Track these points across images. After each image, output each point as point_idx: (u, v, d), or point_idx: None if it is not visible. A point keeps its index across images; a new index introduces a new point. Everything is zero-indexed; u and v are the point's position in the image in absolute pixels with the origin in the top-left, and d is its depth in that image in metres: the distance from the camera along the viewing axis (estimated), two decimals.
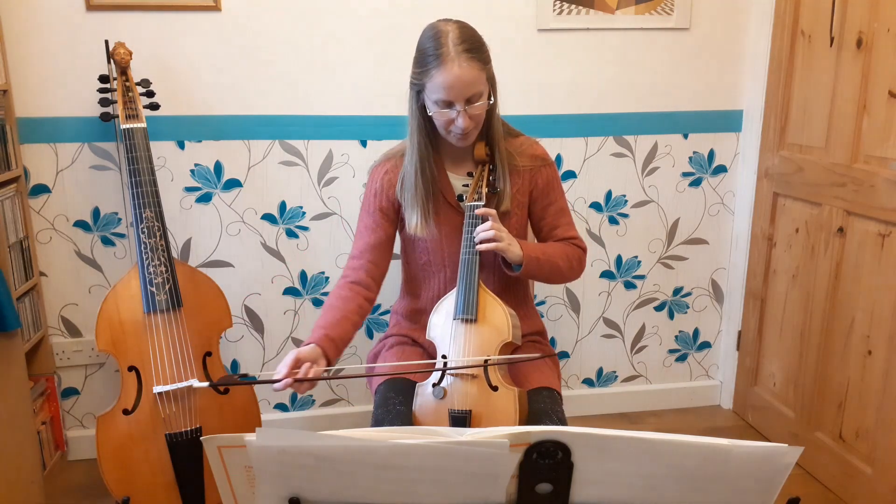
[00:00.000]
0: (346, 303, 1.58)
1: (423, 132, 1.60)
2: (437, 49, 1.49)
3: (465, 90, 1.50)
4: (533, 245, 1.64)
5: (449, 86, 1.48)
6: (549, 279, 1.68)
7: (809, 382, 2.23)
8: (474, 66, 1.49)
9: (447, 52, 1.48)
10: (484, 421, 1.49)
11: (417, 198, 1.62)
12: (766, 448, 0.85)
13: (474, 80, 1.50)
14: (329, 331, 1.50)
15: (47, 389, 2.21)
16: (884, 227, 1.92)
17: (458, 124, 1.53)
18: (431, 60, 1.49)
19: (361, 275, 1.63)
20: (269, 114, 2.21)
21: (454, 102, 1.51)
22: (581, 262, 1.70)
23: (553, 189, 1.70)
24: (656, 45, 2.36)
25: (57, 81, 2.09)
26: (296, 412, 2.47)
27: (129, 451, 1.83)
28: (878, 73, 1.92)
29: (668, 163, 2.48)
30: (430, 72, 1.49)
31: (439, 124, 1.57)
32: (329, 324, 1.52)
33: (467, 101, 1.51)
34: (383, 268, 1.69)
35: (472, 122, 1.54)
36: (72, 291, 2.24)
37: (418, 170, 1.61)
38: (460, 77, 1.48)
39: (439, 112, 1.53)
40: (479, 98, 1.53)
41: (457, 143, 1.59)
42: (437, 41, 1.50)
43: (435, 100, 1.52)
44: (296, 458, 0.86)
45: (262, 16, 2.14)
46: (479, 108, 1.54)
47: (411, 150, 1.62)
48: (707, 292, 2.64)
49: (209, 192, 2.24)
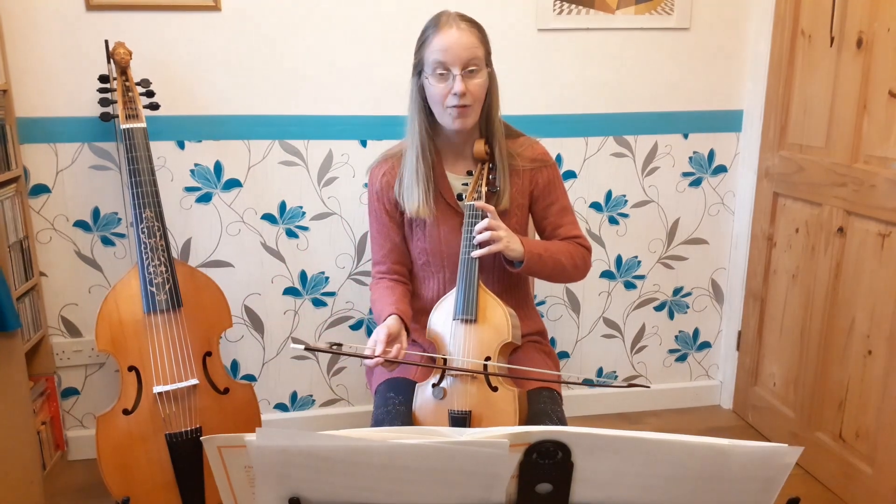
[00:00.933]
0: (393, 290, 1.66)
1: (424, 114, 1.61)
2: (436, 22, 1.56)
3: (462, 53, 1.51)
4: (535, 241, 1.63)
5: (446, 47, 1.51)
6: (554, 277, 1.67)
7: (809, 382, 2.23)
8: (473, 33, 1.54)
9: (446, 20, 1.55)
10: (484, 421, 1.49)
11: (419, 178, 1.62)
12: (766, 448, 0.85)
13: (471, 46, 1.53)
14: (396, 307, 1.56)
15: (47, 389, 2.21)
16: (884, 227, 1.92)
17: (455, 89, 1.52)
18: (430, 31, 1.55)
19: (394, 276, 1.71)
20: (269, 114, 2.21)
21: (451, 67, 1.51)
22: (586, 261, 1.70)
23: (554, 188, 1.70)
24: (656, 45, 2.36)
25: (57, 81, 2.09)
26: (296, 412, 2.47)
27: (129, 451, 1.83)
28: (878, 73, 1.92)
29: (668, 163, 2.48)
30: (429, 39, 1.54)
31: (437, 98, 1.55)
32: (391, 302, 1.59)
33: (464, 68, 1.52)
34: (408, 264, 1.74)
35: (470, 93, 1.53)
36: (72, 291, 2.24)
37: (419, 152, 1.61)
38: (458, 39, 1.51)
39: (437, 81, 1.54)
40: (476, 67, 1.54)
41: (454, 122, 1.57)
42: (436, 18, 1.57)
43: (433, 65, 1.53)
44: (296, 458, 0.86)
45: (262, 16, 2.14)
46: (476, 84, 1.54)
47: (412, 135, 1.63)
48: (707, 292, 2.64)
49: (209, 192, 2.24)
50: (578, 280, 1.72)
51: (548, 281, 1.72)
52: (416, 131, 1.61)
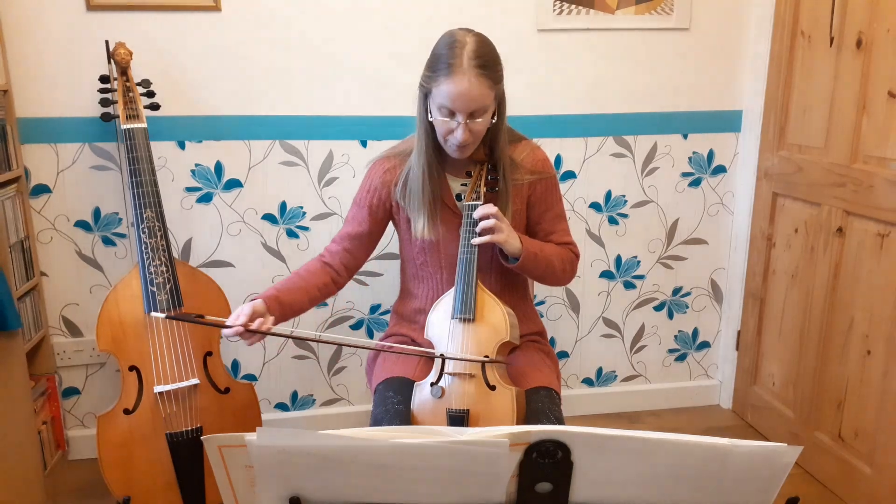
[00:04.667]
0: (312, 276, 1.65)
1: (430, 136, 1.60)
2: (450, 58, 1.48)
3: (469, 104, 1.49)
4: (532, 240, 1.64)
5: (454, 97, 1.48)
6: (543, 278, 1.68)
7: (809, 382, 2.23)
8: (484, 83, 1.48)
9: (459, 63, 1.47)
10: (482, 420, 1.49)
11: (424, 201, 1.62)
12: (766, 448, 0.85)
13: (481, 97, 1.49)
14: (282, 294, 1.57)
15: (48, 389, 2.21)
16: (883, 227, 1.93)
17: (456, 135, 1.52)
18: (442, 68, 1.48)
19: (335, 259, 1.70)
20: (269, 114, 2.22)
21: (456, 113, 1.50)
22: (574, 266, 1.71)
23: (551, 195, 1.70)
24: (656, 45, 2.37)
25: (57, 81, 2.09)
26: (296, 412, 2.48)
27: (129, 450, 1.83)
28: (877, 73, 1.92)
29: (667, 163, 2.48)
30: (439, 78, 1.49)
31: (439, 132, 1.57)
32: (286, 288, 1.59)
33: (470, 115, 1.50)
34: (359, 259, 1.73)
35: (471, 136, 1.53)
36: (72, 291, 2.24)
37: (426, 173, 1.61)
38: (467, 91, 1.47)
39: (441, 119, 1.53)
40: (482, 114, 1.52)
41: (452, 153, 1.59)
42: (451, 50, 1.49)
43: (439, 106, 1.52)
44: (296, 458, 0.86)
45: (263, 16, 2.15)
46: (480, 125, 1.53)
47: (419, 153, 1.61)
48: (706, 292, 2.64)
49: (210, 192, 2.24)
50: (563, 285, 1.74)
51: (536, 281, 1.73)
52: (423, 150, 1.60)
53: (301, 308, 1.62)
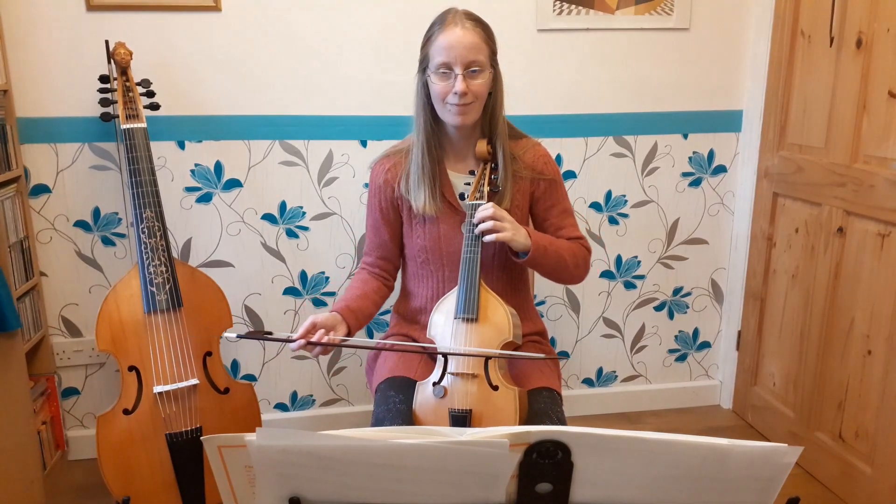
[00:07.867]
0: (366, 284, 1.71)
1: (428, 111, 1.61)
2: (442, 19, 1.56)
3: (465, 53, 1.51)
4: (541, 234, 1.63)
5: (449, 45, 1.51)
6: (556, 273, 1.65)
7: (809, 382, 2.23)
8: (477, 33, 1.54)
9: (452, 18, 1.56)
10: (484, 420, 1.49)
11: (425, 175, 1.62)
12: (766, 448, 0.85)
13: (476, 46, 1.53)
14: (350, 303, 1.63)
15: (47, 389, 2.21)
16: (883, 227, 1.92)
17: (456, 88, 1.53)
18: (436, 28, 1.56)
19: (375, 269, 1.76)
20: (269, 114, 2.22)
21: (453, 66, 1.52)
22: (587, 262, 1.69)
23: (556, 191, 1.70)
24: (656, 45, 2.36)
25: (57, 81, 2.09)
26: (296, 412, 2.47)
27: (129, 450, 1.83)
28: (877, 73, 1.92)
29: (667, 163, 2.48)
30: (434, 37, 1.55)
31: (439, 95, 1.56)
32: (350, 298, 1.65)
33: (466, 68, 1.52)
34: (395, 262, 1.79)
35: (471, 93, 1.54)
36: (72, 291, 2.24)
37: (424, 148, 1.62)
38: (461, 38, 1.51)
39: (438, 79, 1.54)
40: (479, 72, 1.54)
41: (455, 118, 1.57)
42: (443, 15, 1.57)
43: (436, 64, 1.54)
44: (296, 458, 0.86)
45: (262, 16, 2.14)
46: (478, 85, 1.54)
47: (418, 131, 1.63)
48: (707, 292, 2.64)
49: (209, 192, 2.24)
50: (577, 282, 1.71)
51: (549, 277, 1.68)
52: (422, 127, 1.62)
53: (370, 313, 1.68)
